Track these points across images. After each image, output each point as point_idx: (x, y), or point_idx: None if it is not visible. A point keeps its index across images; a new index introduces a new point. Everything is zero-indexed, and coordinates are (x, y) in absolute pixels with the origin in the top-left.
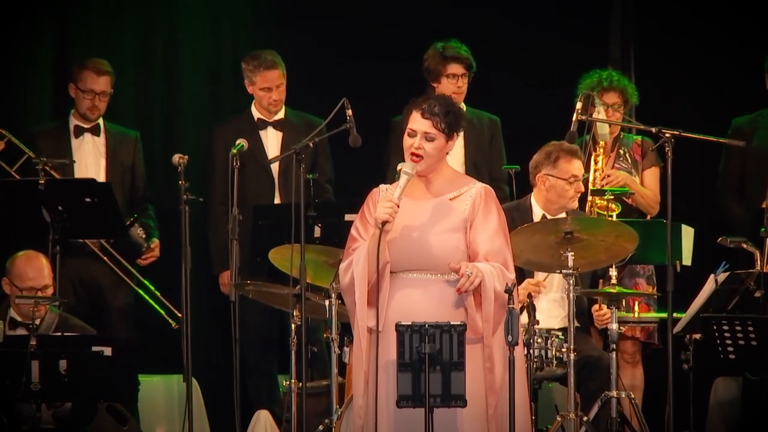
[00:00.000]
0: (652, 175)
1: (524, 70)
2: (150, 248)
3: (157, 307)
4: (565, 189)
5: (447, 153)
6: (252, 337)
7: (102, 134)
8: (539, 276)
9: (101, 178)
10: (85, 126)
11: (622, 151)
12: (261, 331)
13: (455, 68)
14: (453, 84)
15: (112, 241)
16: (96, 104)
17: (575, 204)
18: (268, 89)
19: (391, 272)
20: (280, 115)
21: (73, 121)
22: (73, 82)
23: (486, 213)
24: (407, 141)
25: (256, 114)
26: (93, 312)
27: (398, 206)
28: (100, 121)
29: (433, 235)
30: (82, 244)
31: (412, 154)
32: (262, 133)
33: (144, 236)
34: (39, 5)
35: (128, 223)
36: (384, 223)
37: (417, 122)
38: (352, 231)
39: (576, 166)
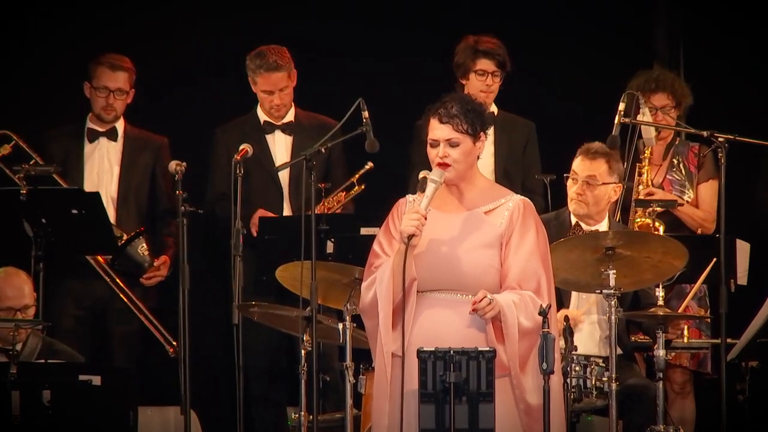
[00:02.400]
0: (709, 189)
1: (559, 72)
2: (154, 266)
3: (154, 331)
4: (569, 188)
5: (478, 157)
6: (257, 365)
7: (120, 139)
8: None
9: (113, 187)
10: (101, 129)
11: (675, 161)
12: (267, 358)
13: (485, 64)
14: (481, 81)
15: (109, 259)
16: (110, 103)
17: (573, 207)
18: (269, 92)
19: (417, 291)
20: (290, 117)
21: (89, 124)
22: (88, 80)
23: (523, 230)
24: (431, 152)
25: (262, 116)
26: (94, 338)
27: (425, 218)
28: (120, 124)
29: (465, 251)
30: (84, 263)
31: (439, 164)
32: (269, 137)
33: (148, 253)
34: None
35: (129, 237)
36: (410, 237)
37: (437, 130)
38: (375, 246)
39: (577, 164)
